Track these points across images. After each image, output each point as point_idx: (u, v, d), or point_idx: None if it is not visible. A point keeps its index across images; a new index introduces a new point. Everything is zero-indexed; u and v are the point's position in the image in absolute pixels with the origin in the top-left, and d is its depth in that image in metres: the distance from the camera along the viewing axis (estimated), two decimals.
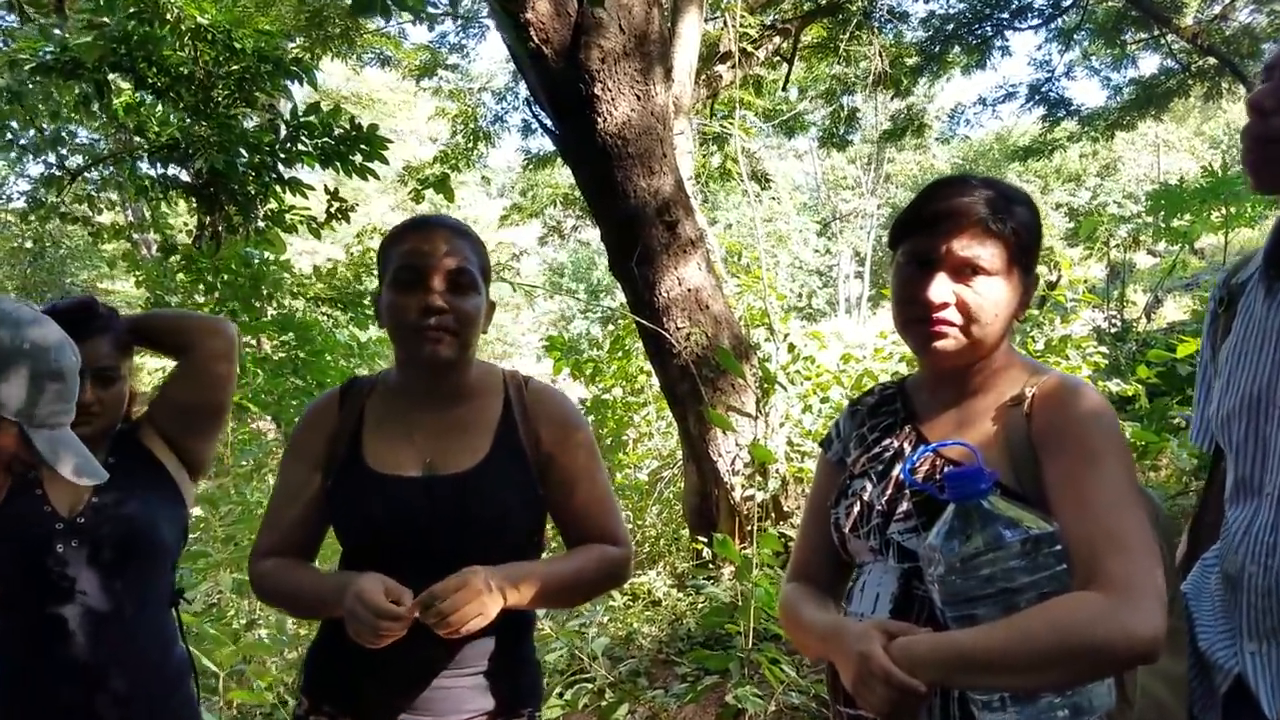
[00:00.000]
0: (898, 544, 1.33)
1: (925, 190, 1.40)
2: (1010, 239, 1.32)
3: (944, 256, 1.33)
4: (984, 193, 1.34)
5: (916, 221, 1.37)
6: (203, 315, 2.10)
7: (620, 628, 4.85)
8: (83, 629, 1.75)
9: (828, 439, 1.57)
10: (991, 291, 1.32)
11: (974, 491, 1.18)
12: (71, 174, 9.82)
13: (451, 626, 1.43)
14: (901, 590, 1.31)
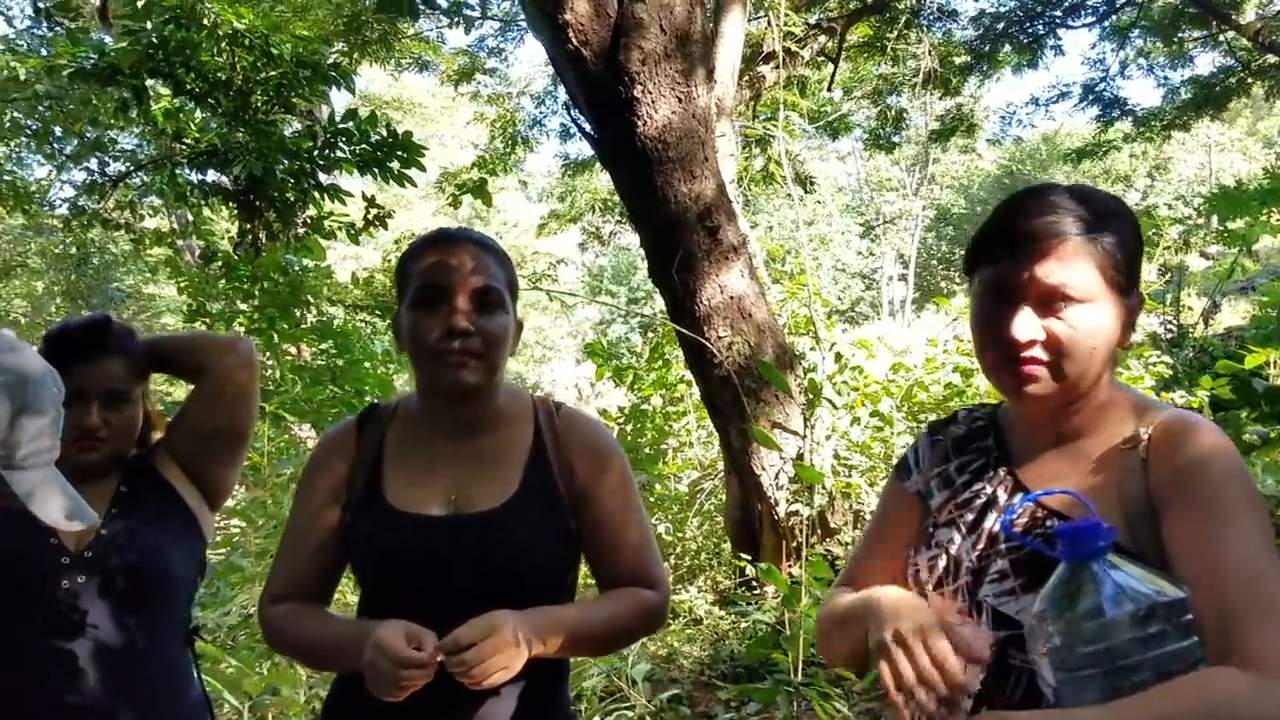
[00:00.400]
0: (991, 607, 1.16)
1: (1002, 207, 1.22)
2: (1105, 258, 1.15)
3: (1027, 285, 1.15)
4: (1071, 206, 1.16)
5: (994, 245, 1.19)
6: (218, 335, 1.99)
7: (660, 647, 4.70)
8: (93, 667, 1.64)
9: (904, 465, 1.38)
10: (1086, 321, 1.14)
11: (1091, 549, 1.01)
12: (113, 180, 9.90)
13: (474, 679, 1.29)
14: (995, 658, 1.14)
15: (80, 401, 1.69)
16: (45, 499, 1.20)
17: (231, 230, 10.61)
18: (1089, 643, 0.98)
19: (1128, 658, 0.96)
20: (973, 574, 1.18)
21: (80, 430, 1.69)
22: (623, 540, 1.53)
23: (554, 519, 1.49)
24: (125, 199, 11.02)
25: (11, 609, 1.63)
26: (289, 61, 7.84)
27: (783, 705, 2.70)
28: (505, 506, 1.46)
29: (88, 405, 1.70)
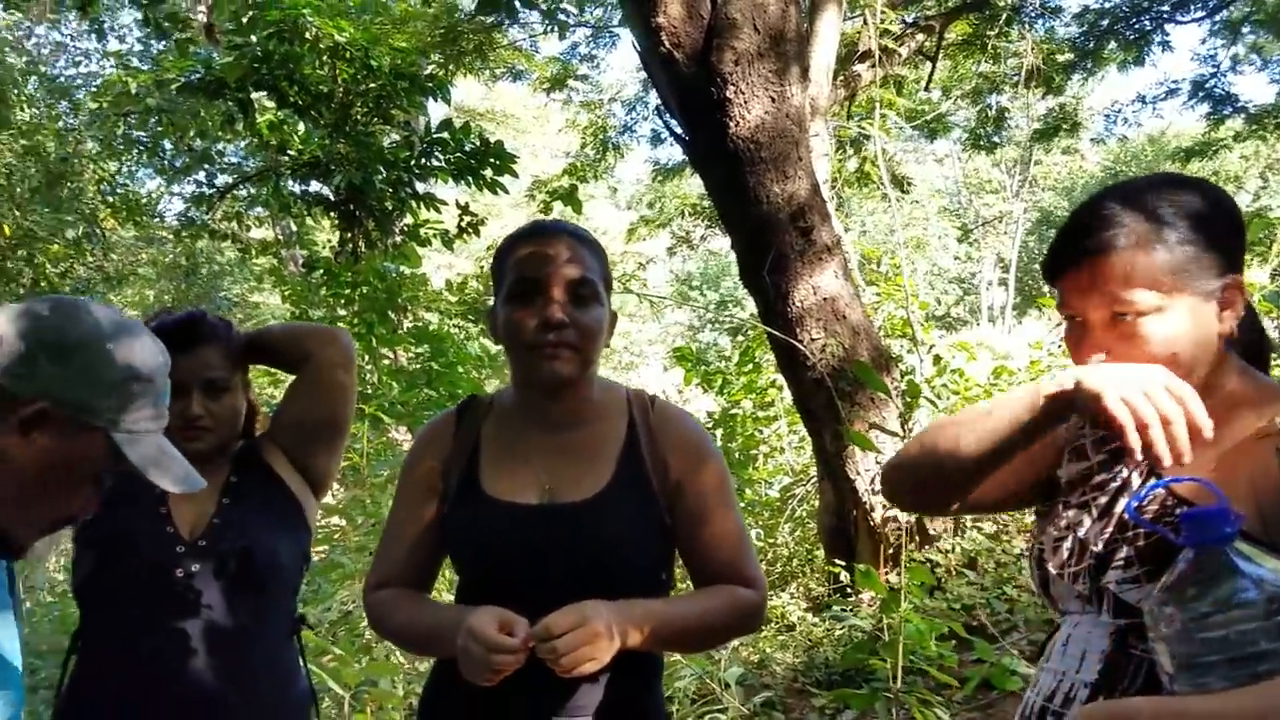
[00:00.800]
0: (1113, 595, 1.11)
1: (1062, 228, 1.19)
2: (1166, 260, 1.09)
3: (1090, 312, 1.13)
4: (1126, 217, 1.11)
5: (1055, 269, 1.17)
6: (317, 325, 2.03)
7: (752, 653, 4.65)
8: (204, 651, 1.69)
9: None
10: (1157, 330, 1.10)
11: (1217, 536, 0.97)
12: (220, 192, 10.30)
13: (563, 667, 1.29)
14: (1115, 649, 1.10)
15: (181, 393, 1.73)
16: (158, 465, 1.22)
17: (332, 239, 10.94)
18: (1211, 630, 0.94)
19: (1253, 646, 0.92)
20: (1098, 559, 1.14)
21: (184, 420, 1.73)
22: (718, 536, 1.50)
23: (647, 512, 1.47)
24: (232, 210, 11.48)
25: (128, 592, 1.69)
26: (388, 74, 8.05)
27: (880, 712, 2.63)
28: (597, 498, 1.46)
29: (188, 395, 1.74)
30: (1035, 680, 1.23)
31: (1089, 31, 12.82)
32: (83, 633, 1.76)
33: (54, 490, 1.16)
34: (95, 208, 11.94)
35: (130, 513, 1.72)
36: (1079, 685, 1.12)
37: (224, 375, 1.79)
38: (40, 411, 1.12)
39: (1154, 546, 1.10)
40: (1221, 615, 0.94)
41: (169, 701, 1.66)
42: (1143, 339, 1.10)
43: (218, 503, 1.78)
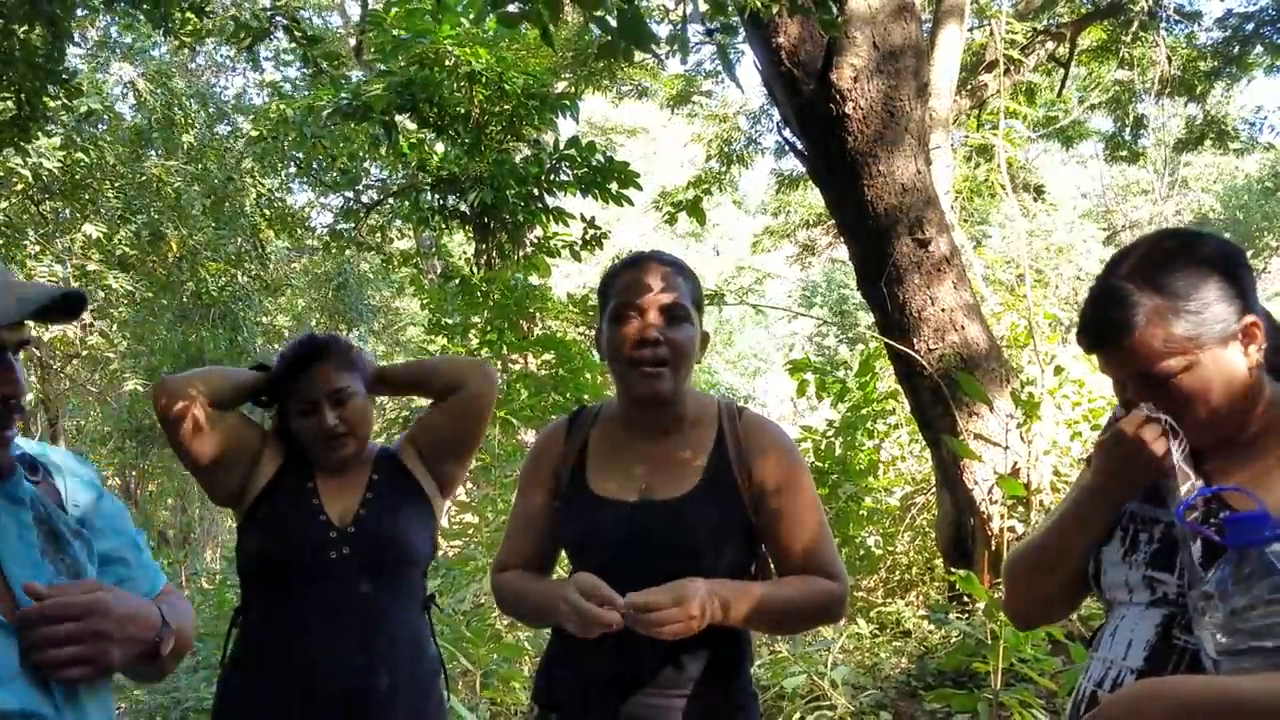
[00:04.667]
0: (1161, 587, 1.23)
1: (1083, 310, 1.31)
2: (1184, 324, 1.21)
3: (1124, 382, 1.29)
4: (1139, 296, 1.23)
5: (1085, 348, 1.33)
6: (470, 360, 2.28)
7: (866, 657, 4.71)
8: (353, 626, 1.94)
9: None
10: (1191, 383, 1.23)
11: (1258, 538, 1.10)
12: (367, 207, 10.92)
13: (655, 630, 1.47)
14: (1159, 638, 1.21)
15: (314, 410, 2.00)
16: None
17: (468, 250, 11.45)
18: (1251, 621, 1.05)
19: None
20: (1150, 555, 1.26)
21: (324, 432, 2.00)
22: (801, 535, 1.66)
23: (732, 510, 1.65)
24: (377, 224, 12.14)
25: (288, 573, 1.96)
26: (520, 95, 8.43)
27: (982, 713, 2.71)
28: (687, 497, 1.65)
29: (320, 410, 2.00)
30: (1087, 668, 1.34)
31: (1232, 37, 12.18)
32: (244, 610, 2.05)
33: None
34: (255, 222, 12.81)
35: (288, 504, 2.01)
36: (1126, 671, 1.23)
37: (345, 384, 2.02)
38: None
39: (1204, 548, 1.20)
40: (1261, 608, 1.06)
41: (327, 668, 1.91)
42: (1176, 393, 1.24)
43: (363, 497, 2.05)
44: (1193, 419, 1.24)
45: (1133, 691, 1.17)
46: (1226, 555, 1.12)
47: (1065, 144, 16.35)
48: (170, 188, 11.20)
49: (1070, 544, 1.36)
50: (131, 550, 1.35)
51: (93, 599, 1.12)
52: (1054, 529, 1.39)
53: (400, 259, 12.61)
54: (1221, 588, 1.10)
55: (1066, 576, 1.38)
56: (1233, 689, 1.08)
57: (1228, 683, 1.09)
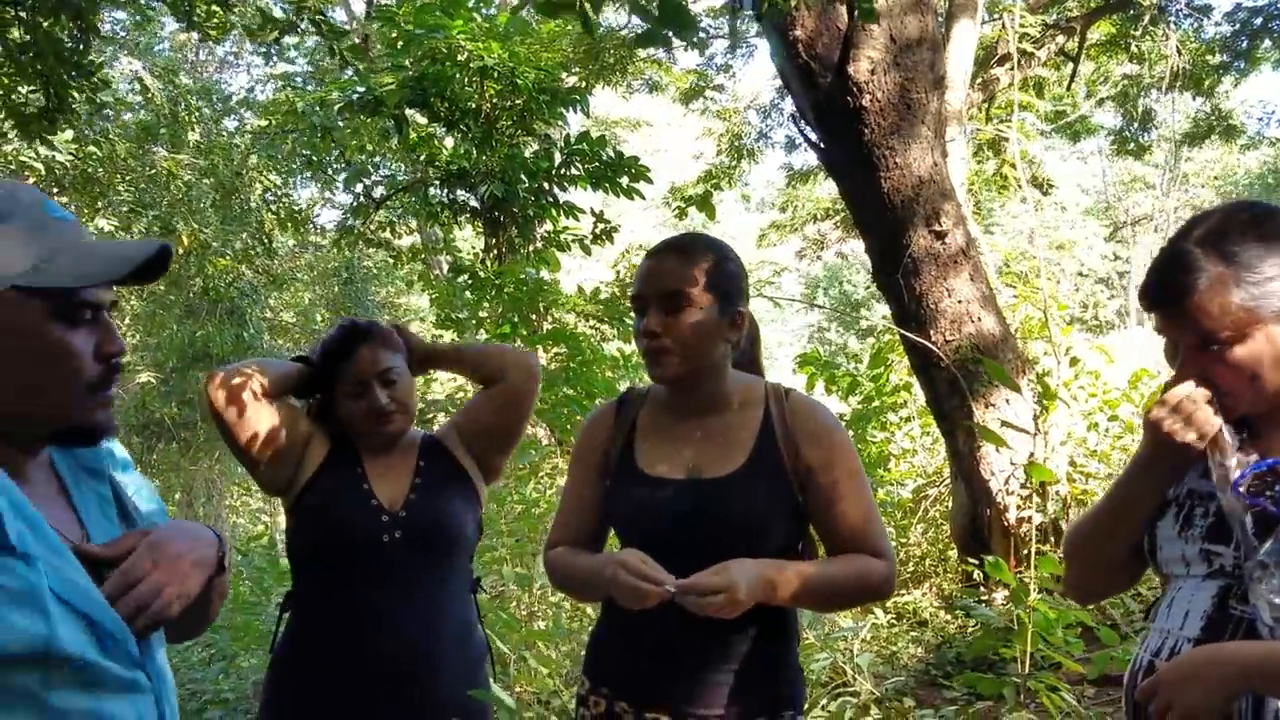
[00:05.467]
0: (1218, 559, 1.26)
1: (1150, 268, 1.36)
2: (1242, 292, 1.25)
3: (1178, 343, 1.32)
4: (1204, 261, 1.27)
5: (1144, 307, 1.37)
6: (519, 352, 2.31)
7: (883, 646, 4.74)
8: (406, 608, 1.98)
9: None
10: (1241, 355, 1.27)
11: None
12: (376, 203, 10.94)
13: (703, 609, 1.51)
14: (1216, 608, 1.24)
15: (365, 391, 2.04)
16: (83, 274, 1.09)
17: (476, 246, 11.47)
18: None
19: None
20: (1206, 529, 1.28)
21: (374, 411, 2.04)
22: (847, 513, 1.69)
23: (779, 490, 1.67)
24: (385, 220, 12.16)
25: (341, 556, 1.99)
26: (531, 89, 8.45)
27: (1009, 699, 2.73)
28: (733, 475, 1.67)
29: (371, 390, 2.04)
30: (1144, 639, 1.37)
31: (1241, 30, 12.18)
32: (295, 593, 2.07)
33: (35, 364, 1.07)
34: (261, 218, 12.85)
35: (339, 490, 2.04)
36: (1183, 641, 1.26)
37: (392, 364, 2.07)
38: None
39: (1260, 520, 1.23)
40: None
41: (380, 650, 1.94)
42: (1227, 362, 1.27)
43: (411, 482, 2.08)
44: (1238, 390, 1.27)
45: (1190, 658, 1.20)
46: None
47: (1072, 139, 16.38)
48: (180, 181, 11.23)
49: (1127, 513, 1.39)
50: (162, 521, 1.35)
51: (158, 533, 1.15)
52: (1110, 500, 1.43)
53: (408, 255, 12.64)
54: (1277, 557, 1.13)
55: (1124, 548, 1.40)
56: None
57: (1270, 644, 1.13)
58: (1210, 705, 1.16)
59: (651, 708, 1.65)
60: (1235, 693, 1.16)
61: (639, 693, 1.67)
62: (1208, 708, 1.16)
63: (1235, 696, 1.16)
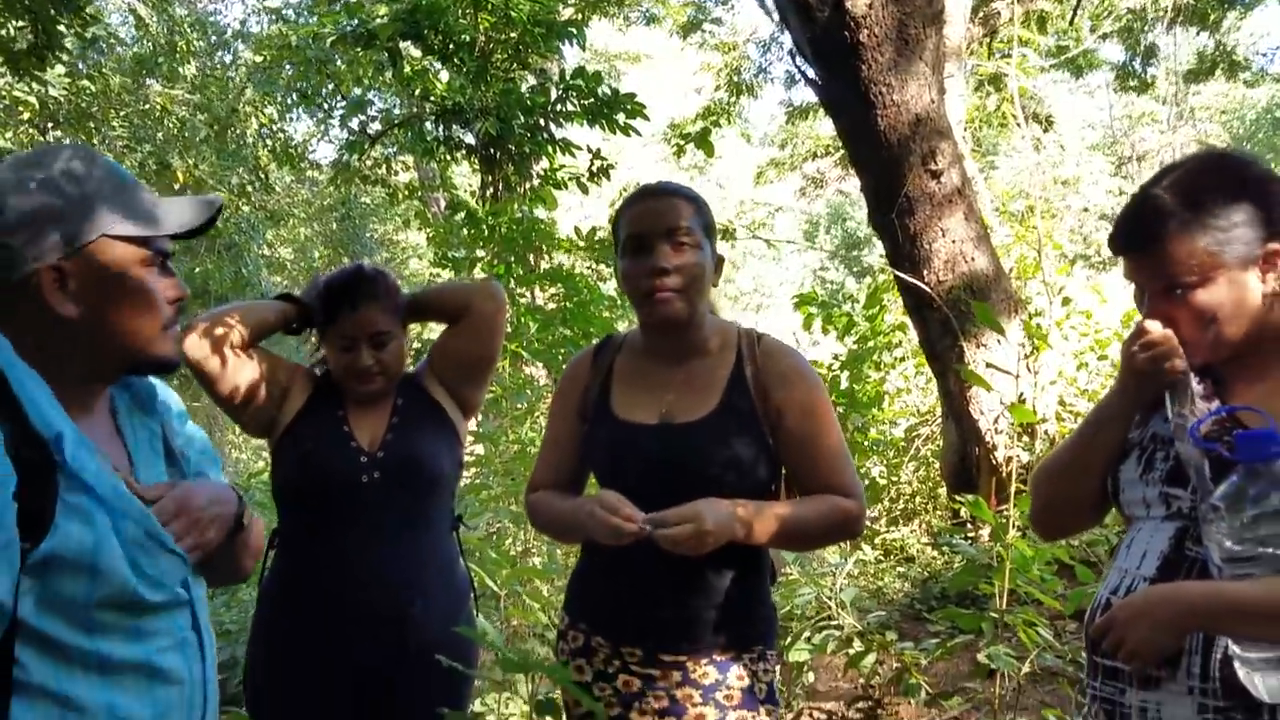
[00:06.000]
0: (1176, 502, 1.29)
1: (1120, 214, 1.39)
2: (1209, 239, 1.28)
3: (1144, 285, 1.36)
4: (1171, 206, 1.30)
5: (1113, 249, 1.39)
6: (475, 282, 2.31)
7: (870, 581, 4.83)
8: (386, 549, 2.01)
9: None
10: (1203, 299, 1.30)
11: (1264, 453, 1.16)
12: (371, 138, 10.83)
13: (672, 545, 1.55)
14: (1172, 549, 1.28)
15: (352, 346, 2.05)
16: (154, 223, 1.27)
17: (473, 184, 11.38)
18: (1254, 529, 1.12)
19: None
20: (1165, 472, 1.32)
21: (356, 370, 2.06)
22: (818, 454, 1.72)
23: (750, 434, 1.70)
24: (381, 156, 12.04)
25: (322, 496, 2.03)
26: (526, 21, 8.31)
27: (987, 632, 2.80)
28: (704, 420, 1.71)
29: (359, 349, 2.05)
30: (1104, 577, 1.41)
31: None
32: (281, 531, 2.11)
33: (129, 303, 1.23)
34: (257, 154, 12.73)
35: (320, 432, 2.06)
36: (1140, 580, 1.30)
37: (387, 328, 2.08)
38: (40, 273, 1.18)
39: (1216, 464, 1.27)
40: (1268, 520, 1.13)
41: (362, 588, 1.98)
42: (1189, 306, 1.30)
43: (389, 422, 2.10)
44: (1198, 336, 1.30)
45: (1141, 596, 1.24)
46: (1236, 469, 1.18)
47: (1075, 74, 16.13)
48: (175, 116, 11.11)
49: (1096, 442, 1.42)
50: (211, 466, 1.47)
51: (183, 488, 1.27)
52: (1079, 432, 1.46)
53: (405, 192, 12.55)
54: (1229, 500, 1.16)
55: (1090, 483, 1.44)
56: (1234, 592, 1.16)
57: (1230, 586, 1.17)
58: (1159, 641, 1.20)
59: (626, 643, 1.70)
60: (1184, 630, 1.20)
61: (615, 628, 1.72)
62: (1156, 644, 1.20)
63: (1183, 634, 1.21)
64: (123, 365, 1.27)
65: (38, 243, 1.17)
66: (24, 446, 1.09)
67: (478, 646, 2.11)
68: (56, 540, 1.08)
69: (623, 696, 1.69)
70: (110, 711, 1.12)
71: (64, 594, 1.09)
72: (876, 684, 3.48)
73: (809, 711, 3.51)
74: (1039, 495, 1.55)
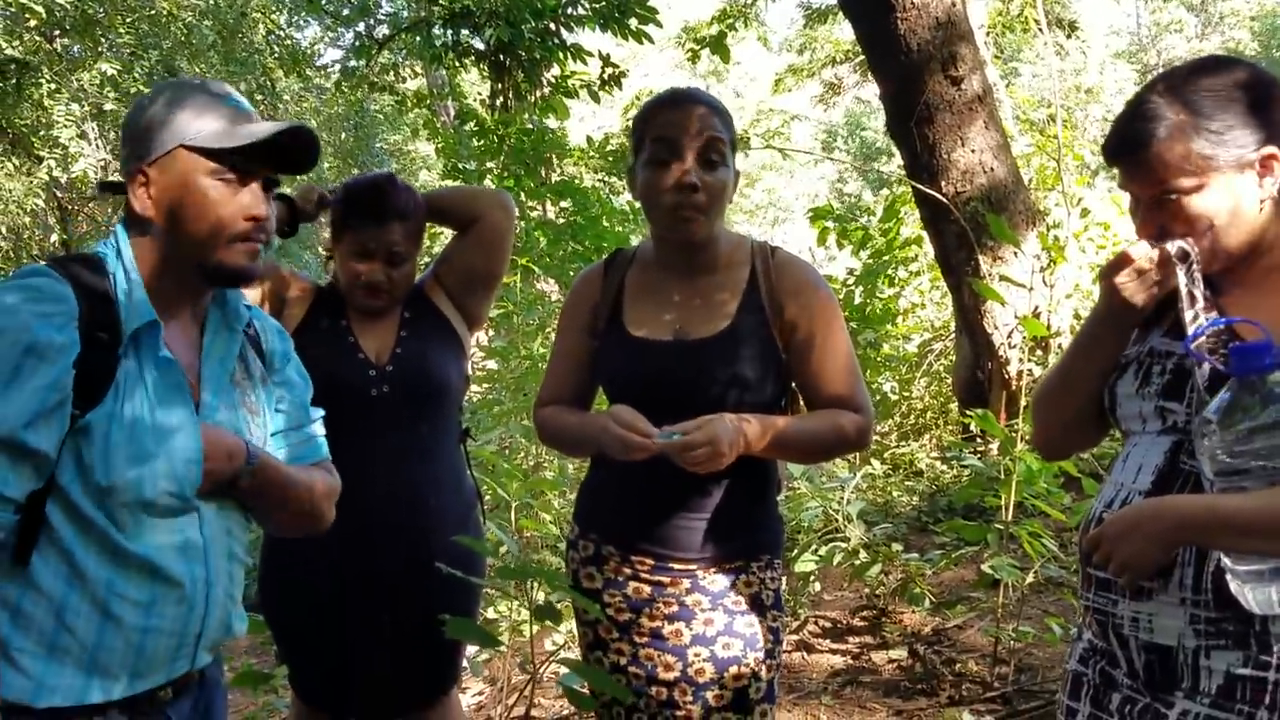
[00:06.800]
0: (1171, 416, 1.28)
1: (1115, 119, 1.33)
2: (1203, 143, 1.22)
3: (1137, 194, 1.31)
4: (1165, 110, 1.24)
5: (1110, 159, 1.33)
6: (489, 190, 2.26)
7: (879, 495, 4.87)
8: (398, 460, 2.02)
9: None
10: (1198, 205, 1.24)
11: (1258, 366, 1.14)
12: (379, 43, 10.61)
13: (688, 463, 1.54)
14: (1167, 463, 1.27)
15: (367, 258, 2.02)
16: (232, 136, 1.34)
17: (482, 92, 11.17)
18: (1250, 443, 1.10)
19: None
20: (1161, 385, 1.30)
21: (368, 283, 2.02)
22: (829, 369, 1.70)
23: (763, 350, 1.68)
24: (389, 62, 11.81)
25: (332, 410, 2.02)
26: None
27: (992, 543, 2.82)
28: (719, 335, 1.68)
29: (373, 262, 2.02)
30: (1099, 491, 1.41)
31: None
32: None
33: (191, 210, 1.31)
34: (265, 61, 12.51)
35: (326, 346, 2.04)
36: (1134, 494, 1.29)
37: (404, 249, 2.04)
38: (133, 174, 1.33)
39: (1211, 377, 1.24)
40: (1258, 432, 1.12)
41: (372, 503, 1.99)
42: (1184, 214, 1.26)
43: (396, 335, 2.09)
44: (1203, 239, 1.26)
45: (1131, 510, 1.24)
46: (1230, 383, 1.16)
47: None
48: (181, 23, 10.90)
49: (1082, 367, 1.41)
50: (302, 417, 1.56)
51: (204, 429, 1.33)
52: (1068, 354, 1.45)
53: (414, 99, 12.34)
54: (1221, 413, 1.15)
55: (1083, 403, 1.42)
56: (1224, 505, 1.16)
57: (1221, 500, 1.16)
58: (1149, 555, 1.20)
59: (636, 551, 1.72)
60: (1173, 544, 1.20)
61: (625, 538, 1.74)
62: (1146, 558, 1.20)
63: (1173, 547, 1.20)
64: (193, 270, 1.34)
65: (138, 149, 1.32)
66: (96, 327, 1.23)
67: (484, 558, 2.14)
68: (101, 413, 1.21)
69: (632, 603, 1.72)
70: (109, 586, 1.22)
71: (91, 468, 1.21)
72: (881, 593, 3.54)
73: (814, 620, 3.57)
74: (1036, 418, 1.54)
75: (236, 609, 1.39)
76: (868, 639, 3.37)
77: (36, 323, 1.19)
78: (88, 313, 1.22)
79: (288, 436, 1.52)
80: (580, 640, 1.84)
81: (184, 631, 1.29)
